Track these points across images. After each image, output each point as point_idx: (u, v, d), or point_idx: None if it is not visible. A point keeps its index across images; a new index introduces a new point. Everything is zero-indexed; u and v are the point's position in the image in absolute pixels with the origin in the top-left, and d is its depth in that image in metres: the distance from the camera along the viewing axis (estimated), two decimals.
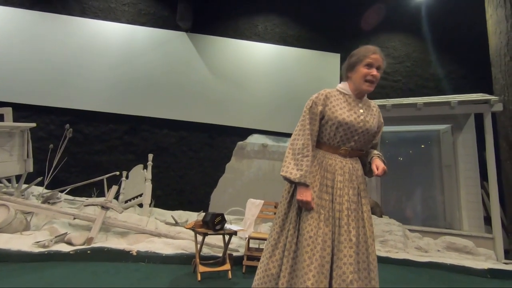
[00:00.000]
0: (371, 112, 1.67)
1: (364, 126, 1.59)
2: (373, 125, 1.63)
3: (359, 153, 1.67)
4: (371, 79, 1.59)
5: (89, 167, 5.39)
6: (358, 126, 1.58)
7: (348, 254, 1.47)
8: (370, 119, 1.63)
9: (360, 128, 1.59)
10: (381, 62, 1.61)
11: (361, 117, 1.60)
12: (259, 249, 3.27)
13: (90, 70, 5.65)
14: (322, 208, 1.55)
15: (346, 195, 1.55)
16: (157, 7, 6.15)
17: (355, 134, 1.59)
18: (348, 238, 1.49)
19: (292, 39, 6.34)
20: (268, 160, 5.55)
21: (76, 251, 2.93)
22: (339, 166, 1.59)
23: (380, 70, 1.62)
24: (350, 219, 1.52)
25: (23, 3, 5.76)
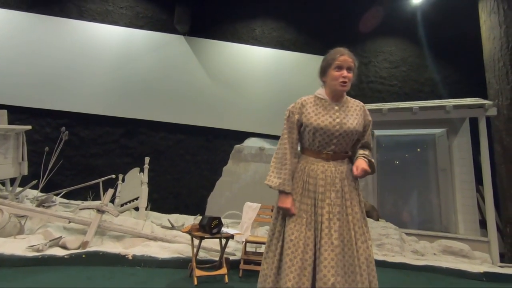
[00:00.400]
0: (351, 113, 1.65)
1: (341, 128, 1.60)
2: (353, 126, 1.61)
3: (344, 156, 1.68)
4: (343, 80, 1.61)
5: (85, 170, 5.35)
6: (335, 129, 1.60)
7: (329, 257, 1.48)
8: (349, 120, 1.62)
9: (337, 131, 1.60)
10: (351, 62, 1.64)
11: (337, 120, 1.61)
12: (256, 253, 3.26)
13: (87, 73, 5.64)
14: (305, 213, 1.59)
15: (328, 198, 1.56)
16: (155, 11, 6.17)
17: (333, 138, 1.61)
18: (329, 241, 1.50)
19: (289, 43, 6.38)
20: (265, 163, 5.54)
21: (70, 255, 2.89)
22: (320, 171, 1.61)
23: (351, 70, 1.64)
24: (332, 222, 1.53)
25: (20, 5, 5.74)
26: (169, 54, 5.95)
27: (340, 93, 1.67)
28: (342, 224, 1.55)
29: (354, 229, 1.55)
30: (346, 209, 1.57)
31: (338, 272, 1.47)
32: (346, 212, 1.57)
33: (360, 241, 1.55)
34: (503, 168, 4.37)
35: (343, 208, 1.57)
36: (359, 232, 1.56)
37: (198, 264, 2.77)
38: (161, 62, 5.90)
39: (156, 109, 5.70)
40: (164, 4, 6.14)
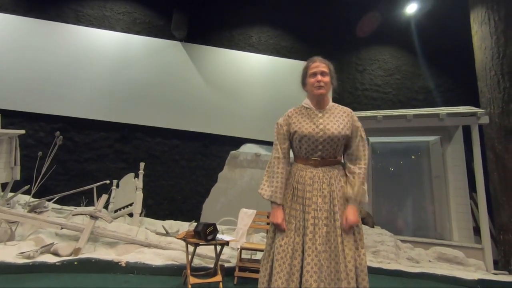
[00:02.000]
0: (336, 119, 1.67)
1: (325, 134, 1.63)
2: (337, 131, 1.62)
3: (333, 161, 1.68)
4: (318, 85, 1.68)
5: (79, 175, 5.29)
6: (318, 136, 1.63)
7: (312, 262, 1.48)
8: (333, 126, 1.64)
9: (321, 137, 1.63)
10: (324, 67, 1.71)
11: (320, 126, 1.65)
12: (251, 260, 3.23)
13: (83, 78, 5.62)
14: (294, 218, 1.62)
15: (314, 204, 1.58)
16: (153, 17, 6.20)
17: (318, 144, 1.64)
18: (313, 247, 1.51)
19: (285, 50, 6.45)
20: (261, 169, 5.54)
21: (62, 262, 2.84)
22: (308, 176, 1.64)
23: (326, 74, 1.70)
24: (316, 227, 1.54)
25: (16, 9, 5.73)
26: (166, 60, 5.97)
27: (320, 99, 1.72)
28: (329, 230, 1.54)
29: (342, 236, 1.53)
30: (334, 215, 1.56)
31: (321, 278, 1.46)
32: (334, 218, 1.56)
33: (348, 248, 1.52)
34: (496, 175, 4.43)
35: (331, 213, 1.57)
36: (348, 239, 1.54)
37: (192, 271, 2.74)
38: (158, 68, 5.91)
39: (151, 114, 5.68)
40: (162, 10, 6.18)
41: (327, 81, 1.69)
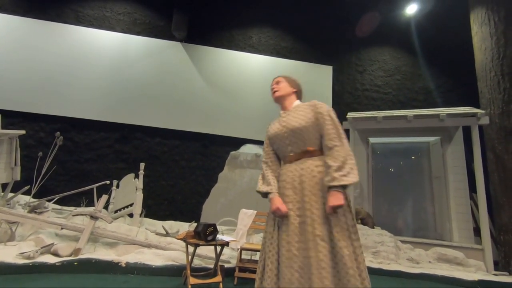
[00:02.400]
0: (297, 113, 1.77)
1: (286, 127, 1.75)
2: (298, 123, 1.71)
3: (305, 154, 1.70)
4: (273, 90, 1.92)
5: (79, 175, 5.29)
6: (281, 131, 1.77)
7: (283, 256, 1.54)
8: (293, 118, 1.75)
9: (285, 133, 1.75)
10: (279, 78, 1.96)
11: (283, 124, 1.78)
12: (251, 261, 3.23)
13: (83, 78, 5.62)
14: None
15: (287, 197, 1.65)
16: (153, 17, 6.21)
17: (285, 139, 1.75)
18: (286, 238, 1.57)
19: (285, 51, 6.45)
20: (261, 170, 5.54)
21: (62, 263, 2.84)
22: (283, 172, 1.76)
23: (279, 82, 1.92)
24: (292, 218, 1.58)
25: (16, 10, 5.74)
26: (166, 60, 5.97)
27: (281, 102, 1.91)
28: (303, 220, 1.56)
29: (313, 226, 1.51)
30: (304, 205, 1.58)
31: (293, 270, 1.49)
32: (305, 208, 1.57)
33: (320, 239, 1.48)
34: (496, 176, 4.43)
35: (303, 204, 1.59)
36: (318, 232, 1.49)
37: (192, 271, 2.74)
38: (158, 68, 5.91)
39: (151, 114, 5.69)
40: (162, 11, 6.18)
41: (280, 86, 1.89)
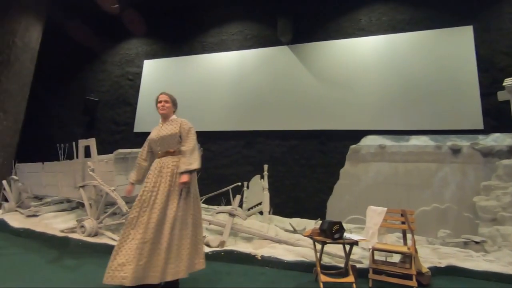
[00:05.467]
0: (170, 126, 2.59)
1: (158, 135, 2.57)
2: (170, 133, 2.54)
3: (170, 152, 2.53)
4: (160, 107, 2.65)
5: (218, 179, 6.23)
6: (156, 138, 2.58)
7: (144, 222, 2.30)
8: (167, 130, 2.56)
9: (158, 139, 2.57)
10: (165, 98, 2.68)
11: (160, 132, 2.58)
12: (387, 262, 2.93)
13: (212, 98, 6.62)
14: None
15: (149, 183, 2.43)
16: (260, 29, 6.67)
17: (156, 141, 2.58)
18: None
19: (403, 23, 5.60)
20: (388, 162, 4.98)
21: (213, 252, 3.40)
22: (155, 165, 2.53)
23: (167, 102, 2.66)
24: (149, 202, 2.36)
25: (163, 54, 7.41)
26: (276, 66, 6.27)
27: (163, 116, 2.67)
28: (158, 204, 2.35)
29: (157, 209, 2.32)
30: (158, 191, 2.38)
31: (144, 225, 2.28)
32: (157, 193, 2.38)
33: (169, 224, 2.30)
34: None
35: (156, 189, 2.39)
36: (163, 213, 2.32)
37: (322, 269, 2.74)
38: (270, 75, 6.28)
39: (270, 119, 6.08)
40: (267, 21, 6.56)
41: (167, 105, 2.64)
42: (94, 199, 4.00)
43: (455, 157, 4.66)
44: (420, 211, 4.56)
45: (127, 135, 7.30)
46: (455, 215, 4.44)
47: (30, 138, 7.78)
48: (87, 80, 8.18)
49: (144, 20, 7.68)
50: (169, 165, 2.47)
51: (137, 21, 7.63)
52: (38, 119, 8.19)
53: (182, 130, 2.55)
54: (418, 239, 4.08)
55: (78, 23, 7.95)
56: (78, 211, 4.98)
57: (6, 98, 6.24)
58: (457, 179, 4.57)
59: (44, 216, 4.63)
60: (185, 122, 2.60)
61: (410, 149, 4.90)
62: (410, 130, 5.09)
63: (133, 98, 7.43)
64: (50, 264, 3.02)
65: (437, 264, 3.21)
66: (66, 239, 3.70)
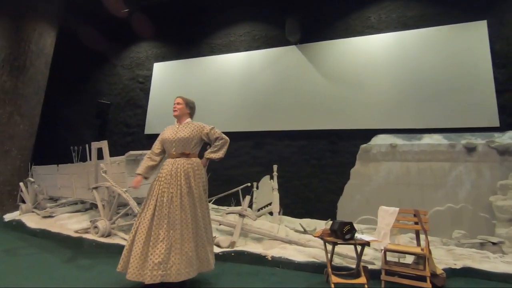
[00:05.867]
0: (188, 129, 2.64)
1: (175, 136, 2.61)
2: (187, 136, 2.60)
3: (186, 154, 2.60)
4: (173, 109, 2.73)
5: (227, 180, 6.25)
6: (172, 138, 2.61)
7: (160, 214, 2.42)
8: (183, 133, 2.61)
9: (174, 140, 2.61)
10: (179, 100, 2.76)
11: (177, 134, 2.62)
12: (400, 264, 2.88)
13: (221, 100, 6.65)
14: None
15: (162, 183, 2.49)
16: (268, 29, 6.67)
17: (172, 142, 2.61)
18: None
19: (413, 20, 5.50)
20: (399, 161, 4.90)
21: (223, 253, 3.42)
22: (166, 163, 2.61)
23: (179, 104, 2.74)
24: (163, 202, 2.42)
25: (171, 56, 7.50)
26: (285, 66, 6.26)
27: (177, 118, 2.74)
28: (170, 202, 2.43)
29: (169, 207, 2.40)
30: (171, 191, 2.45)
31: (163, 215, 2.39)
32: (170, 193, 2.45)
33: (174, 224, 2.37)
34: None
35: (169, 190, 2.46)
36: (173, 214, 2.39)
37: (334, 270, 2.71)
38: (279, 75, 6.27)
39: (278, 119, 6.07)
40: (275, 21, 6.55)
41: (180, 106, 2.71)
42: (107, 200, 4.08)
43: (469, 155, 4.55)
44: (434, 211, 4.46)
45: (138, 137, 7.42)
46: (471, 215, 4.33)
47: (45, 141, 8.00)
48: (99, 83, 8.36)
49: (153, 23, 7.80)
50: (183, 166, 2.52)
51: (146, 24, 7.75)
52: (52, 122, 8.41)
53: (205, 135, 2.67)
54: (432, 240, 4.00)
55: (89, 28, 8.14)
56: (92, 212, 5.08)
57: (22, 102, 6.44)
58: (472, 178, 4.45)
59: (59, 217, 4.75)
60: (205, 127, 2.69)
61: (422, 148, 4.80)
62: (423, 129, 4.99)
63: (144, 101, 7.55)
64: (65, 263, 3.10)
65: (452, 266, 3.13)
66: (80, 240, 3.79)
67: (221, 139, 2.66)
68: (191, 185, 2.48)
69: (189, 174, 2.51)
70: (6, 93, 6.26)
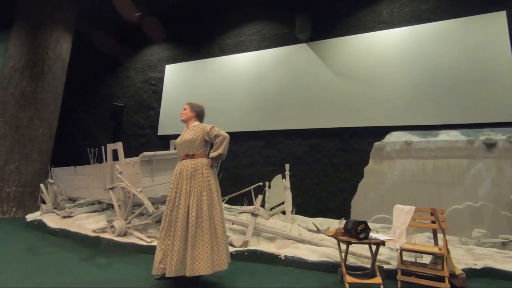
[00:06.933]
0: (192, 131, 2.72)
1: (181, 140, 2.74)
2: (190, 138, 2.68)
3: (190, 155, 2.68)
4: (181, 114, 2.88)
5: (239, 179, 6.28)
6: (180, 142, 2.75)
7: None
8: (188, 135, 2.71)
9: (181, 143, 2.74)
10: (185, 106, 2.86)
11: (183, 137, 2.75)
12: (417, 264, 2.82)
13: (231, 99, 6.69)
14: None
15: (172, 185, 2.65)
16: (278, 28, 6.65)
17: (179, 146, 2.76)
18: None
19: (427, 13, 5.35)
20: (415, 159, 4.79)
21: (237, 252, 3.43)
22: (176, 167, 2.72)
23: (185, 109, 2.85)
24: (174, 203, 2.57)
25: (182, 58, 7.59)
26: (295, 64, 6.22)
27: (185, 123, 2.87)
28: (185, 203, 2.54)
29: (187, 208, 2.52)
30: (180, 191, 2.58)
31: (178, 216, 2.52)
32: (179, 194, 2.58)
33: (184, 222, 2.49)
34: None
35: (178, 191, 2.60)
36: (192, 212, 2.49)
37: (348, 270, 2.68)
38: (289, 74, 6.24)
39: (289, 118, 6.04)
40: (285, 19, 6.52)
41: (185, 112, 2.84)
42: (122, 200, 4.17)
43: (489, 152, 4.39)
44: (452, 209, 4.33)
45: (151, 139, 7.55)
46: (491, 213, 4.18)
47: (63, 144, 8.27)
48: (112, 87, 8.56)
49: (164, 26, 7.91)
50: (188, 167, 2.62)
51: (158, 27, 7.87)
52: (69, 125, 8.68)
53: (206, 134, 2.69)
54: (450, 239, 3.89)
55: (102, 33, 8.34)
56: (108, 212, 5.21)
57: (41, 107, 6.68)
58: (492, 175, 4.30)
59: (77, 217, 4.90)
60: (206, 127, 2.72)
61: (439, 144, 4.67)
62: (439, 125, 4.86)
63: (156, 102, 7.68)
64: (84, 262, 3.19)
65: (472, 266, 3.03)
66: (97, 239, 3.89)
67: (219, 136, 2.65)
68: (193, 185, 2.55)
69: (193, 174, 2.58)
70: (27, 98, 6.51)
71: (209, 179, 2.60)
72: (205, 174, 2.60)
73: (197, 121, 2.83)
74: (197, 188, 2.53)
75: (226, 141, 2.64)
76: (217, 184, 2.72)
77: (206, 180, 2.59)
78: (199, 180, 2.56)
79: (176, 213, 2.49)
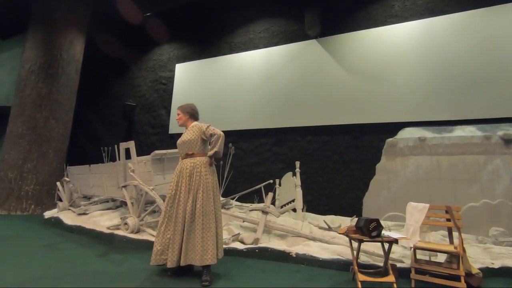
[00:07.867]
0: (191, 132, 2.86)
1: (181, 140, 2.88)
2: (189, 138, 2.82)
3: (189, 154, 2.82)
4: (177, 121, 3.01)
5: (249, 177, 6.30)
6: (180, 142, 2.89)
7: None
8: (187, 136, 2.85)
9: (181, 143, 2.88)
10: (177, 111, 3.01)
11: (183, 138, 2.88)
12: (431, 262, 2.76)
13: (242, 97, 6.68)
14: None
15: (172, 183, 2.80)
16: (287, 24, 6.60)
17: (179, 146, 2.90)
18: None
19: (442, 5, 5.20)
20: (429, 155, 4.68)
21: (247, 249, 3.45)
22: (177, 166, 2.88)
23: (178, 114, 2.98)
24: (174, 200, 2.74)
25: (193, 57, 7.63)
26: (305, 61, 6.16)
27: (183, 126, 3.01)
28: (186, 199, 2.72)
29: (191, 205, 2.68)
30: (181, 189, 2.74)
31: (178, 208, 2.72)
32: (180, 191, 2.74)
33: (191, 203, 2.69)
34: None
35: (180, 188, 2.76)
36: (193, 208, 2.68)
37: (360, 268, 2.65)
38: (299, 70, 6.19)
39: (300, 115, 6.00)
40: (294, 15, 6.46)
41: (179, 117, 2.97)
42: (135, 198, 4.25)
43: (507, 147, 4.24)
44: (468, 207, 4.22)
45: (163, 137, 7.65)
46: (510, 211, 4.04)
47: (77, 143, 8.48)
48: (124, 86, 8.71)
49: (173, 26, 7.98)
50: (187, 166, 2.77)
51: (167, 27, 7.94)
52: (83, 125, 8.89)
53: (203, 133, 2.81)
54: (466, 238, 3.79)
55: (114, 34, 8.48)
56: (122, 209, 5.32)
57: (57, 107, 6.86)
58: (510, 172, 4.15)
59: (92, 214, 5.02)
60: (203, 126, 2.85)
61: (454, 140, 4.55)
62: (454, 120, 4.73)
63: (167, 101, 7.77)
64: (99, 258, 3.27)
65: (489, 265, 2.95)
66: (112, 236, 3.98)
67: (214, 135, 2.76)
68: (192, 182, 2.70)
69: (191, 172, 2.73)
70: (42, 99, 6.70)
71: (206, 177, 2.73)
72: (203, 172, 2.73)
73: (194, 121, 2.97)
74: (194, 185, 2.68)
75: (221, 139, 2.74)
76: (215, 181, 2.83)
77: (204, 177, 2.72)
78: (197, 178, 2.71)
79: (176, 209, 2.67)
